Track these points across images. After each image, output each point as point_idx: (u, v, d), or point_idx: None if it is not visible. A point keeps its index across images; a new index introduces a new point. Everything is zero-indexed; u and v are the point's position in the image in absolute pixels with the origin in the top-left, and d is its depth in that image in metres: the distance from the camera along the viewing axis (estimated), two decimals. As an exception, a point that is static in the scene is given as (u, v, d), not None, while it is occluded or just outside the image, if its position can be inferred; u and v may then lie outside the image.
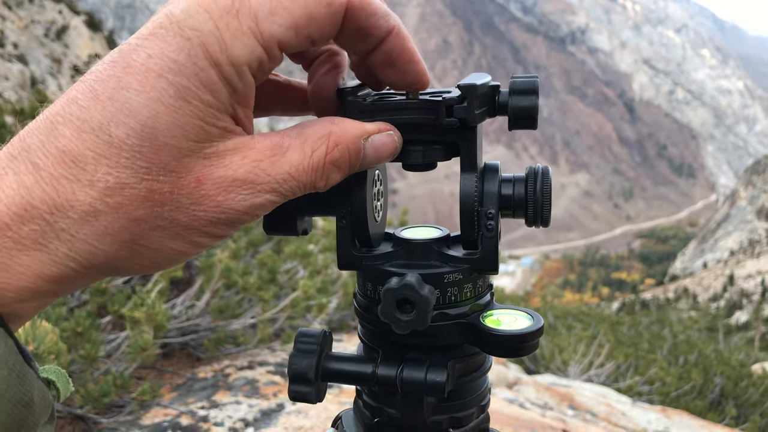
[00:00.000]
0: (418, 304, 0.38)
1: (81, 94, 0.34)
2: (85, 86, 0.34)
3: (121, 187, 0.33)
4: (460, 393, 0.44)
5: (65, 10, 32.57)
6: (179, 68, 0.33)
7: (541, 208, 0.42)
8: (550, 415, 2.54)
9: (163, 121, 0.33)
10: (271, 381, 2.13)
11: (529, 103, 0.41)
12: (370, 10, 0.38)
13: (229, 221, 0.36)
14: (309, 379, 0.43)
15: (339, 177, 0.39)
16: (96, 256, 0.34)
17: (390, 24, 0.40)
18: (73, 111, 0.33)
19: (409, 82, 0.42)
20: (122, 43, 0.35)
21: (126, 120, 0.33)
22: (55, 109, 0.34)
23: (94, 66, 0.35)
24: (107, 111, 0.33)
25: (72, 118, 0.33)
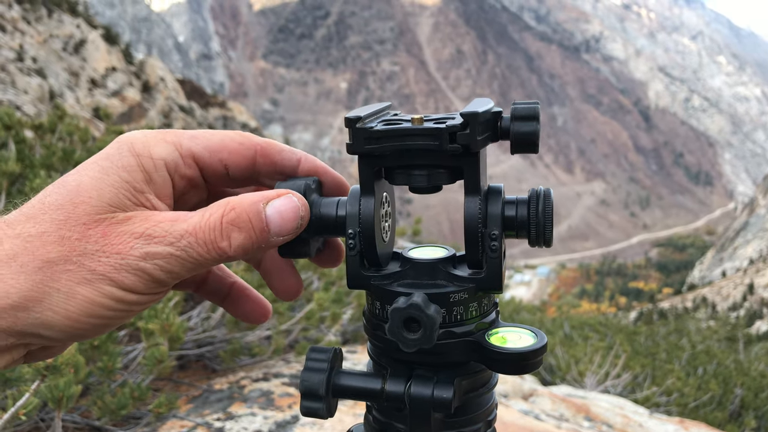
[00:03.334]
0: (424, 323, 0.39)
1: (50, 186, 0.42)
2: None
3: (40, 235, 0.39)
4: (466, 409, 0.45)
5: (83, 25, 33.03)
6: (107, 156, 0.42)
7: (543, 229, 0.43)
8: (565, 426, 2.53)
9: (85, 186, 0.41)
10: (286, 393, 2.14)
11: (530, 129, 0.42)
12: (278, 148, 0.48)
13: (132, 269, 0.40)
14: (320, 395, 0.44)
15: (244, 239, 0.42)
16: (9, 294, 0.38)
17: (297, 154, 0.49)
18: (35, 197, 0.42)
19: (337, 186, 0.50)
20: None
21: (58, 190, 0.41)
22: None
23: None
24: (49, 189, 0.42)
25: (29, 202, 0.42)
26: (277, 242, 0.44)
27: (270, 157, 0.47)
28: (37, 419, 1.64)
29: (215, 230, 0.41)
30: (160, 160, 0.43)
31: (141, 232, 0.41)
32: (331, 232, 0.47)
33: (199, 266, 0.42)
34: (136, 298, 0.41)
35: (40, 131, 3.11)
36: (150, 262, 0.40)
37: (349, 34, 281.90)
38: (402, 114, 0.47)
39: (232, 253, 0.42)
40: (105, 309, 0.40)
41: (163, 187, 0.44)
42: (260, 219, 0.42)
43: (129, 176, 0.42)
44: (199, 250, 0.41)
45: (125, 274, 0.40)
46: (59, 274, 0.39)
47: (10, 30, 26.07)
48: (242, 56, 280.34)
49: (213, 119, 44.56)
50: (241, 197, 0.43)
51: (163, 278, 0.41)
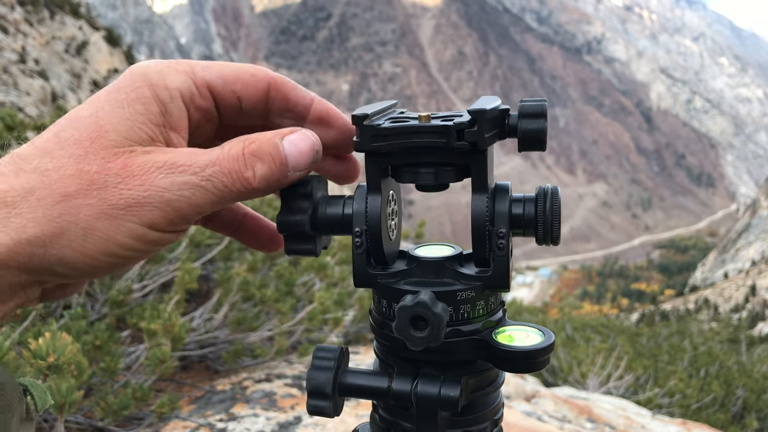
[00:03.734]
0: (431, 322, 0.39)
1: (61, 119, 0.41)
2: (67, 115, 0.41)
3: (57, 169, 0.38)
4: (473, 408, 0.45)
5: (85, 27, 33.09)
6: (120, 87, 0.41)
7: (551, 227, 0.43)
8: (568, 428, 2.52)
9: (100, 120, 0.40)
10: (288, 394, 2.14)
11: (538, 126, 0.42)
12: (291, 85, 0.47)
13: (155, 202, 0.39)
14: (326, 394, 0.44)
15: (267, 170, 0.42)
16: (26, 229, 0.37)
17: (310, 94, 0.48)
18: (47, 130, 0.41)
19: (343, 133, 0.49)
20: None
21: (73, 124, 0.40)
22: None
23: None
24: (62, 123, 0.40)
25: (41, 135, 0.40)
26: (294, 177, 0.44)
27: (283, 91, 0.47)
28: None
29: (239, 161, 0.41)
30: (175, 90, 0.42)
31: (164, 161, 0.40)
32: (338, 230, 0.47)
33: (223, 200, 0.41)
34: (157, 236, 0.40)
35: (41, 131, 3.11)
36: (175, 192, 0.39)
37: (351, 36, 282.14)
38: (409, 112, 0.47)
39: (257, 183, 0.42)
40: (124, 248, 0.39)
41: (179, 119, 0.43)
42: (279, 151, 0.42)
43: (144, 108, 0.41)
44: (224, 180, 0.41)
45: (148, 207, 0.39)
46: (78, 208, 0.38)
47: (12, 32, 26.12)
48: (244, 58, 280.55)
49: (215, 121, 44.63)
50: (258, 133, 0.43)
51: (187, 212, 0.40)
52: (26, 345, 1.16)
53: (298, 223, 0.46)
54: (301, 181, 0.46)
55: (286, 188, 0.46)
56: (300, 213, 0.46)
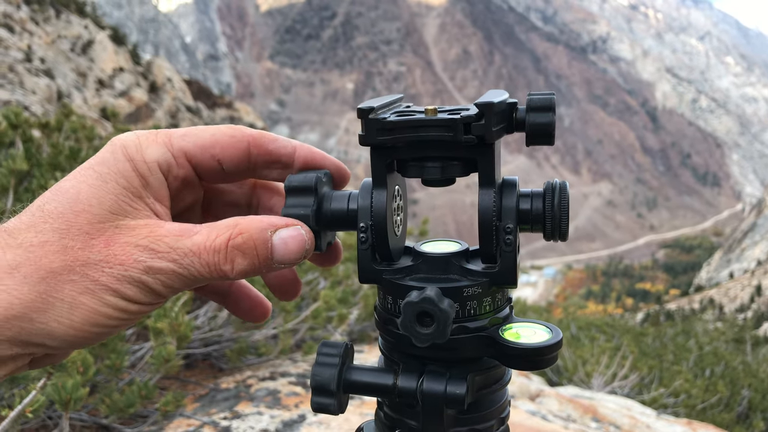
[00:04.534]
0: (437, 318, 0.39)
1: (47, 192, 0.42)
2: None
3: (42, 244, 0.39)
4: (479, 405, 0.45)
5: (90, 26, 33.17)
6: (103, 161, 0.42)
7: (559, 223, 0.43)
8: (573, 427, 2.52)
9: (84, 194, 0.41)
10: (292, 392, 2.14)
11: (546, 120, 0.42)
12: (271, 138, 0.48)
13: (133, 280, 0.40)
14: (331, 391, 0.43)
15: (247, 265, 0.42)
16: (13, 305, 0.38)
17: (292, 143, 0.48)
18: (33, 204, 0.42)
19: (337, 172, 0.50)
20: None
21: (56, 197, 0.41)
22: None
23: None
24: (47, 195, 0.42)
25: (28, 209, 0.42)
26: (277, 269, 0.44)
27: (263, 146, 0.47)
28: (44, 417, 1.65)
29: (219, 253, 0.41)
30: (153, 163, 0.43)
31: (145, 245, 0.41)
32: (343, 225, 0.46)
33: (198, 283, 0.43)
34: (137, 308, 0.42)
35: (47, 130, 3.11)
36: (152, 276, 0.41)
37: (356, 35, 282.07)
38: (415, 106, 0.46)
39: (234, 275, 0.42)
40: (107, 318, 0.40)
41: (160, 190, 0.44)
42: (266, 247, 0.42)
43: (126, 182, 0.42)
44: (201, 270, 0.41)
45: (128, 285, 0.40)
46: (63, 285, 0.39)
47: (18, 31, 26.19)
48: (249, 57, 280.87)
49: (220, 120, 44.63)
50: (250, 221, 0.43)
51: (163, 292, 0.42)
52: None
53: (302, 218, 0.45)
54: (305, 177, 0.46)
55: (289, 185, 0.46)
56: (304, 208, 0.45)
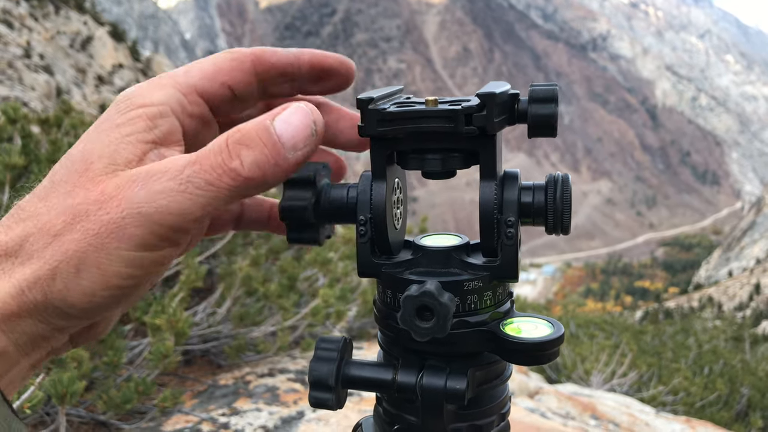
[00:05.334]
0: (437, 312, 0.38)
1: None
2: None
3: (48, 210, 0.37)
4: (480, 401, 0.44)
5: (90, 22, 33.13)
6: (107, 116, 0.40)
7: (561, 216, 0.43)
8: (571, 425, 2.52)
9: (87, 152, 0.38)
10: (291, 388, 2.14)
11: (548, 111, 0.41)
12: (270, 51, 0.45)
13: (134, 221, 0.36)
14: (329, 386, 0.43)
15: (256, 155, 0.37)
16: (26, 277, 0.36)
17: (293, 51, 0.46)
18: (45, 178, 0.40)
19: (347, 75, 0.48)
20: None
21: (64, 163, 0.39)
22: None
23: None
24: (56, 166, 0.39)
25: (41, 183, 0.39)
26: (295, 158, 0.39)
27: (266, 60, 0.45)
28: (42, 413, 1.64)
29: (222, 153, 0.37)
30: (162, 106, 0.40)
31: (139, 174, 0.37)
32: (342, 218, 0.46)
33: (213, 200, 0.37)
34: (151, 256, 0.37)
35: (46, 126, 3.11)
36: (152, 205, 0.36)
37: (356, 32, 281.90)
38: (415, 97, 0.46)
39: (247, 172, 0.37)
40: (120, 277, 0.36)
41: (172, 133, 0.41)
42: (269, 132, 0.38)
43: (130, 129, 0.39)
44: (206, 176, 0.36)
45: (129, 228, 0.36)
46: (66, 246, 0.36)
47: (17, 27, 26.15)
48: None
49: (219, 116, 44.67)
50: (246, 122, 0.39)
51: (172, 222, 0.36)
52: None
53: (301, 210, 0.44)
54: (304, 168, 0.45)
55: (290, 177, 0.44)
56: (303, 200, 0.44)
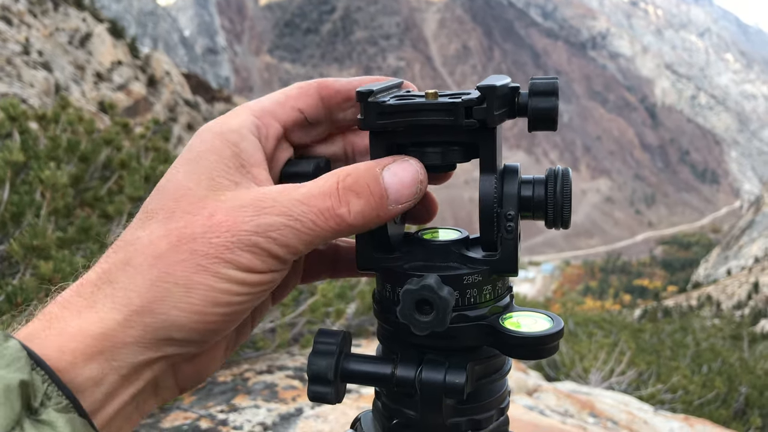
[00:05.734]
0: (437, 306, 0.38)
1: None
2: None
3: (148, 235, 0.39)
4: (479, 395, 0.44)
5: (89, 18, 33.07)
6: (191, 148, 0.42)
7: (561, 210, 0.42)
8: (570, 422, 2.52)
9: (178, 182, 0.40)
10: (290, 385, 2.14)
11: (549, 105, 0.41)
12: (331, 80, 0.47)
13: (245, 246, 0.38)
14: (328, 380, 0.43)
15: (363, 205, 0.40)
16: (132, 300, 0.37)
17: (349, 79, 0.48)
18: (139, 211, 0.42)
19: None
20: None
21: (156, 196, 0.41)
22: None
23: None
24: (147, 201, 0.41)
25: (135, 217, 0.41)
26: (395, 211, 0.41)
27: (330, 87, 0.46)
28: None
29: (332, 196, 0.39)
30: (241, 128, 0.42)
31: (249, 204, 0.39)
32: None
33: (317, 238, 0.40)
34: (258, 278, 0.39)
35: (44, 122, 3.10)
36: (263, 235, 0.38)
37: (355, 30, 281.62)
38: (414, 90, 0.46)
39: (352, 219, 0.40)
40: (228, 294, 0.38)
41: (255, 154, 0.42)
42: (378, 183, 0.40)
43: (218, 156, 0.41)
44: (314, 218, 0.39)
45: (239, 252, 0.38)
46: (173, 267, 0.37)
47: (16, 23, 26.10)
48: (248, 51, 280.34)
49: (218, 113, 44.43)
50: (356, 164, 0.42)
51: (280, 253, 0.39)
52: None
53: None
54: (304, 162, 0.46)
55: (287, 170, 0.46)
56: None
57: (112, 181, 2.93)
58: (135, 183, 2.49)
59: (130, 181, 2.52)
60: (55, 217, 2.09)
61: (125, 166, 2.90)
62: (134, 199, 2.47)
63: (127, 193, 2.47)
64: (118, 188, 2.87)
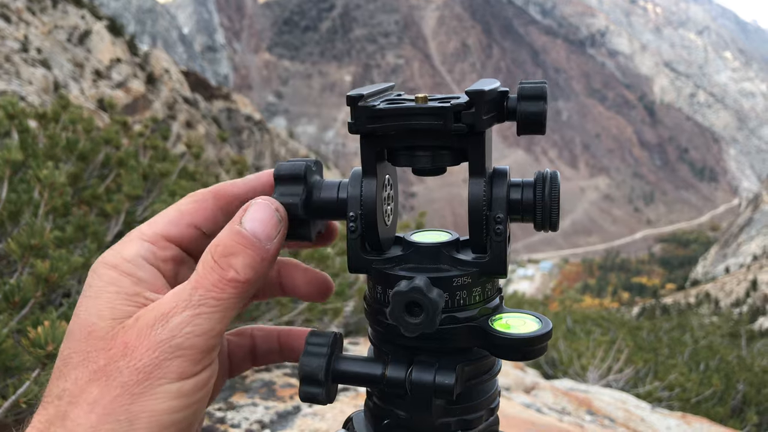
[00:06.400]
0: (426, 307, 0.39)
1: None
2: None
3: (74, 382, 0.38)
4: (469, 396, 0.45)
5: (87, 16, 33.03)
6: (89, 285, 0.42)
7: (549, 213, 0.43)
8: (567, 420, 2.53)
9: (84, 320, 0.40)
10: (287, 383, 2.14)
11: (537, 109, 0.41)
12: (229, 183, 0.47)
13: (168, 354, 0.38)
14: (319, 380, 0.43)
15: (245, 257, 0.41)
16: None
17: (250, 177, 0.48)
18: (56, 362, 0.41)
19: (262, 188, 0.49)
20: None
21: (67, 340, 0.41)
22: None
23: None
24: (60, 349, 0.41)
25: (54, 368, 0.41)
26: (273, 247, 0.42)
27: (227, 193, 0.47)
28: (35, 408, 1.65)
29: (214, 270, 0.40)
30: (135, 257, 0.43)
31: (153, 318, 0.39)
32: (332, 214, 0.46)
33: (226, 310, 0.40)
34: (194, 382, 0.39)
35: (43, 120, 3.10)
36: (180, 335, 0.38)
37: (354, 27, 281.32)
38: (406, 94, 0.46)
39: (243, 276, 0.41)
40: (171, 413, 0.38)
41: (154, 281, 0.43)
42: (244, 236, 0.41)
43: (116, 287, 0.41)
44: (212, 294, 0.40)
45: (167, 363, 0.38)
46: (109, 406, 0.37)
47: (14, 20, 26.06)
48: (247, 48, 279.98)
49: (217, 111, 44.54)
50: (218, 234, 0.43)
51: (201, 344, 0.39)
52: (25, 333, 1.16)
53: (291, 206, 0.45)
54: (294, 165, 0.46)
55: (280, 173, 0.46)
56: (293, 197, 0.45)
57: (110, 179, 2.93)
58: (133, 181, 2.49)
59: (128, 179, 2.52)
60: (52, 215, 2.09)
61: (123, 164, 2.90)
62: (132, 197, 2.47)
63: (125, 191, 2.47)
64: (117, 186, 2.87)
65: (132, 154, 3.07)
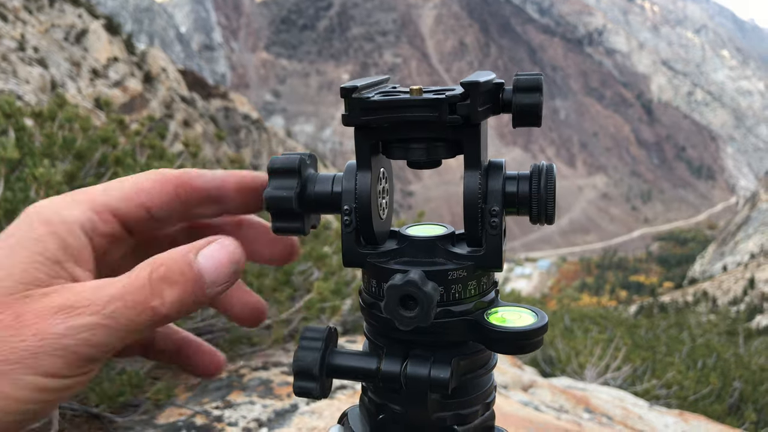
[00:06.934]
0: (421, 301, 0.38)
1: None
2: None
3: None
4: (464, 390, 0.45)
5: (84, 15, 32.96)
6: (14, 231, 0.38)
7: (545, 206, 0.42)
8: (565, 418, 2.53)
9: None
10: (285, 381, 2.14)
11: (533, 101, 0.41)
12: (195, 173, 0.45)
13: (52, 350, 0.34)
14: (313, 375, 0.43)
15: (178, 294, 0.38)
16: None
17: (219, 174, 0.46)
18: None
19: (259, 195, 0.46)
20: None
21: None
22: None
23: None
24: None
25: None
26: (214, 293, 0.40)
27: (189, 184, 0.45)
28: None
29: (144, 289, 0.37)
30: (74, 224, 0.39)
31: (60, 304, 0.35)
32: (327, 208, 0.46)
33: (131, 333, 0.37)
34: (61, 383, 0.36)
35: (39, 119, 3.10)
36: (73, 337, 0.35)
37: (352, 26, 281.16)
38: (401, 86, 0.46)
39: (166, 310, 0.38)
40: (24, 403, 0.34)
41: (81, 252, 0.39)
42: (192, 269, 0.38)
43: (40, 247, 0.37)
44: (128, 314, 0.36)
45: (45, 357, 0.34)
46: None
47: (11, 19, 26.00)
48: (244, 47, 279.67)
49: (215, 110, 44.48)
50: (169, 252, 0.39)
51: (90, 354, 0.36)
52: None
53: (285, 200, 0.44)
54: (289, 158, 0.45)
55: (275, 166, 0.45)
56: (287, 190, 0.44)
57: (106, 178, 2.93)
58: (130, 180, 2.48)
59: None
60: (49, 214, 2.08)
61: (120, 163, 2.90)
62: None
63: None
64: (114, 185, 2.86)
65: (129, 153, 3.07)
